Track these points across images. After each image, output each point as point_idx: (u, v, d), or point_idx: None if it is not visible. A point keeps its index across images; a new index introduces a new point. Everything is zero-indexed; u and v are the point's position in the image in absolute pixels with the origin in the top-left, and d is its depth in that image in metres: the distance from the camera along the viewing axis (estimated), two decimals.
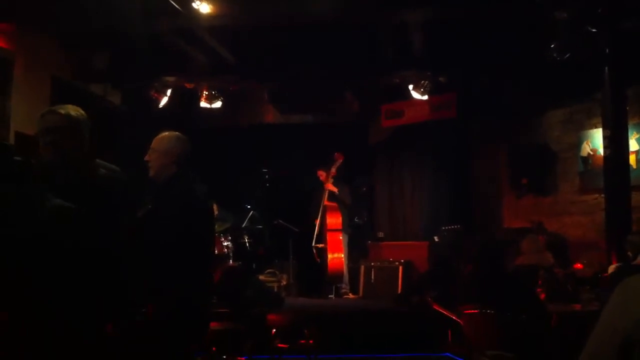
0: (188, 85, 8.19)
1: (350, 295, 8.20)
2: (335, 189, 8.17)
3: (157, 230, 2.94)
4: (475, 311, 4.56)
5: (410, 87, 7.78)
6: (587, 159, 7.59)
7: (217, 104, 8.24)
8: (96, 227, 2.04)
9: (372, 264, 8.20)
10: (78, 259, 1.82)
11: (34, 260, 1.72)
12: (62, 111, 2.49)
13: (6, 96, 6.17)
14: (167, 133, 3.31)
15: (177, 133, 3.32)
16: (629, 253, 5.42)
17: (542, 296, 5.37)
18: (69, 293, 1.77)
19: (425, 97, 7.84)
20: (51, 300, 1.73)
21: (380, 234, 9.26)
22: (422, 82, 7.66)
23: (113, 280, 2.10)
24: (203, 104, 8.20)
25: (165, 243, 2.89)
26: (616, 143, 5.97)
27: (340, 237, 8.11)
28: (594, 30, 5.83)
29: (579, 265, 6.39)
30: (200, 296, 3.09)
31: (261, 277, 7.60)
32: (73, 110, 2.54)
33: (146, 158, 3.26)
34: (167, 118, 7.87)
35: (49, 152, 2.36)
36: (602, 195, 6.48)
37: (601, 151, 6.58)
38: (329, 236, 8.08)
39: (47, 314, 1.72)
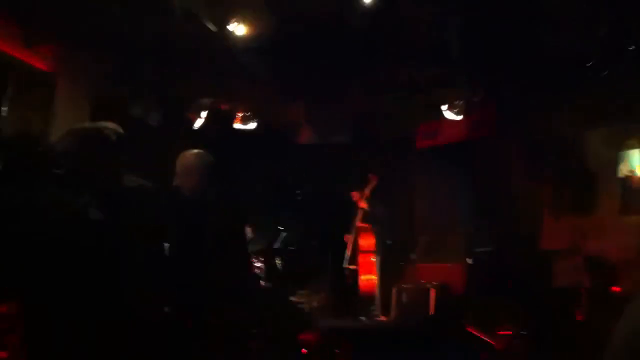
0: (223, 107, 8.26)
1: (382, 317, 8.09)
2: (365, 206, 8.13)
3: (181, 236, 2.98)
4: (509, 332, 4.46)
5: (444, 107, 7.69)
6: (626, 180, 7.40)
7: (252, 125, 8.25)
8: (114, 232, 2.09)
9: (404, 286, 8.09)
10: (90, 260, 1.86)
11: (50, 259, 1.76)
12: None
13: (49, 119, 6.21)
14: (185, 152, 3.45)
15: (193, 152, 3.44)
16: None
17: (581, 318, 5.21)
18: (77, 293, 1.80)
19: (460, 117, 7.73)
20: (57, 299, 1.76)
21: (414, 256, 9.11)
22: (457, 101, 7.57)
23: (114, 280, 2.13)
24: (238, 125, 8.23)
25: (172, 244, 2.94)
26: None
27: (373, 259, 8.05)
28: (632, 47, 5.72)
29: (617, 288, 6.19)
30: (200, 296, 3.11)
31: (293, 299, 7.58)
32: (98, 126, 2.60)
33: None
34: (202, 137, 7.95)
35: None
36: None
37: (638, 172, 6.46)
38: (361, 258, 8.04)
39: (52, 313, 1.75)
